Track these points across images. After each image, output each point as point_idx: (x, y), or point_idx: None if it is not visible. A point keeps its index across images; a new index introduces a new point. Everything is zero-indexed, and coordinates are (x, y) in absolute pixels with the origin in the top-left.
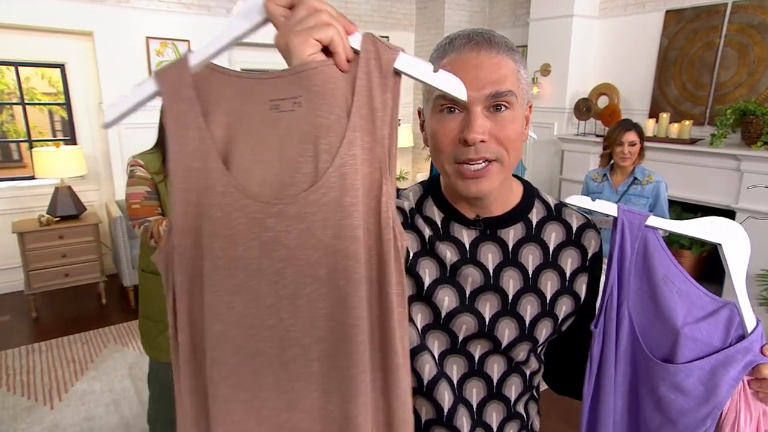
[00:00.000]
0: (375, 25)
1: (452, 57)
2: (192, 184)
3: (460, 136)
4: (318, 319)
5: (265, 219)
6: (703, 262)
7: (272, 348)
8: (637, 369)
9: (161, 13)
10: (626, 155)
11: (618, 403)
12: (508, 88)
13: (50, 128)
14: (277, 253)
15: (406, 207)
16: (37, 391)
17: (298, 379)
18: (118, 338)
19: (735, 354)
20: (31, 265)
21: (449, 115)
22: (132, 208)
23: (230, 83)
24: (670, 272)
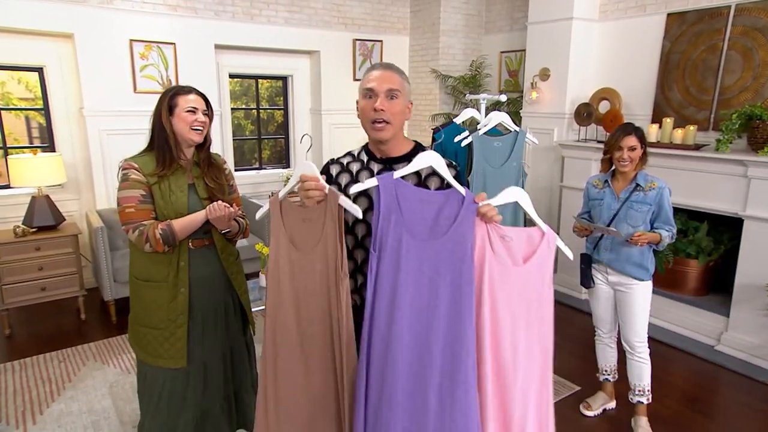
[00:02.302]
0: (368, 29)
1: (372, 73)
2: (279, 249)
3: (374, 107)
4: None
5: (302, 259)
6: (710, 271)
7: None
8: (416, 254)
9: (146, 14)
10: (626, 160)
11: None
12: (396, 88)
13: (27, 135)
14: (303, 274)
15: (345, 161)
16: (9, 413)
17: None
18: (98, 355)
19: (465, 213)
20: (5, 279)
21: (369, 100)
22: (126, 212)
23: (291, 206)
24: (421, 193)
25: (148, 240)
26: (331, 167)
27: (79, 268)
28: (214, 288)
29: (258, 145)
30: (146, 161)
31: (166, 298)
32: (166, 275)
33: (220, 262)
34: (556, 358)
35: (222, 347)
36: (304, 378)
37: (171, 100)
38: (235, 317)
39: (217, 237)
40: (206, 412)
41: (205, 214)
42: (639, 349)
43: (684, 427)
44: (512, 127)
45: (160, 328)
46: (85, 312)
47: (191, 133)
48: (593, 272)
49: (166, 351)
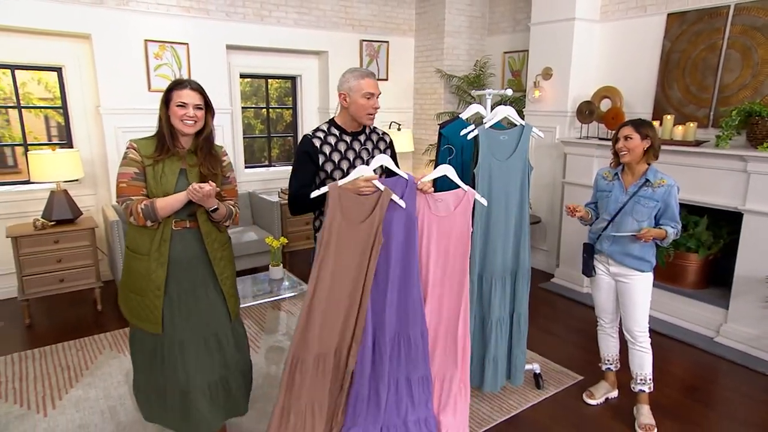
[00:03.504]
0: (375, 30)
1: (369, 80)
2: (335, 223)
3: (373, 106)
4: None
5: (353, 228)
6: (709, 264)
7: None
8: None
9: (160, 16)
10: (622, 150)
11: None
12: (380, 92)
13: (46, 133)
14: (347, 239)
15: (321, 135)
16: (30, 398)
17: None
18: (114, 345)
19: (409, 192)
20: (26, 270)
21: (368, 100)
22: (120, 187)
23: (345, 192)
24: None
25: (132, 213)
26: (314, 140)
27: (95, 260)
28: (192, 270)
29: (267, 144)
30: (147, 144)
31: (146, 269)
32: (148, 249)
33: (203, 246)
34: (559, 349)
35: (203, 331)
36: (330, 292)
37: (168, 94)
38: (220, 303)
39: (203, 221)
40: (186, 393)
41: (186, 195)
42: (640, 338)
43: (685, 416)
44: (518, 120)
45: (142, 296)
46: (101, 303)
47: (182, 126)
48: (595, 262)
49: (146, 316)
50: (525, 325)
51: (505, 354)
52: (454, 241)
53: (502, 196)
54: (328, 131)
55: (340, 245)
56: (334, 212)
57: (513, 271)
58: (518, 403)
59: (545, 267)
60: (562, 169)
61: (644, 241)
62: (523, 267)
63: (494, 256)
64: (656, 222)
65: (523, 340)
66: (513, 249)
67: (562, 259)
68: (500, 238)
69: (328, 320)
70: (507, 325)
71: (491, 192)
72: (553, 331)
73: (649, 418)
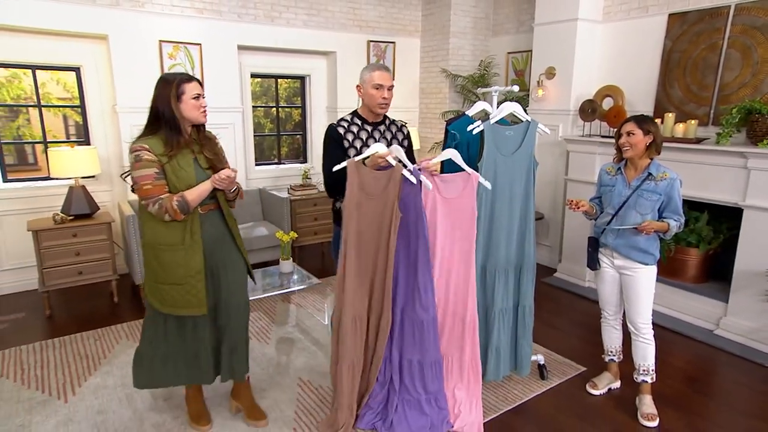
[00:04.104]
0: (382, 31)
1: (379, 73)
2: (354, 195)
3: (382, 96)
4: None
5: (371, 201)
6: (710, 259)
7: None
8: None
9: (174, 17)
10: (625, 145)
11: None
12: (392, 84)
13: (64, 132)
14: (367, 210)
15: (345, 125)
16: (51, 385)
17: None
18: (130, 335)
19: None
20: (46, 263)
21: (378, 90)
22: (144, 189)
23: (362, 167)
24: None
25: (167, 211)
26: (338, 128)
27: (112, 254)
28: (219, 247)
29: (277, 142)
30: (155, 143)
31: (184, 258)
32: (181, 239)
33: (225, 224)
34: (562, 341)
35: (232, 299)
36: (358, 260)
37: (178, 88)
38: (243, 273)
39: (223, 202)
40: (197, 354)
41: (211, 183)
42: (644, 330)
43: (686, 406)
44: (524, 117)
45: (181, 284)
46: (117, 295)
47: (199, 116)
48: (599, 256)
49: (189, 302)
50: (530, 317)
51: (508, 344)
52: (460, 221)
53: (506, 190)
54: (351, 121)
55: (361, 217)
56: (352, 185)
57: (517, 265)
58: (523, 393)
59: (548, 262)
60: (564, 166)
61: (646, 233)
62: (528, 261)
63: (497, 248)
64: (660, 215)
65: (529, 331)
66: (517, 243)
67: (565, 255)
68: (504, 231)
69: (358, 286)
70: (510, 316)
71: (495, 186)
72: (556, 324)
73: (651, 408)
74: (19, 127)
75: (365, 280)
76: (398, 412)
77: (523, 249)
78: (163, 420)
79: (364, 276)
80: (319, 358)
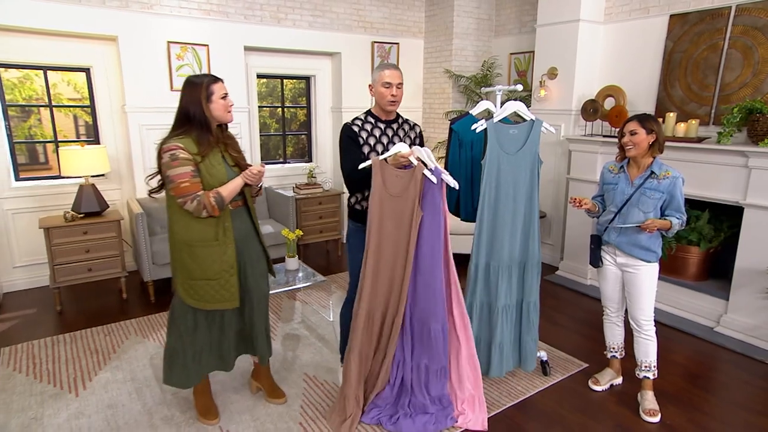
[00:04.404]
0: (386, 32)
1: (388, 72)
2: (377, 193)
3: (391, 93)
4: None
5: (393, 200)
6: (710, 257)
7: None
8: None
9: (182, 18)
10: (628, 144)
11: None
12: (401, 81)
13: (75, 132)
14: (389, 208)
15: (359, 123)
16: (63, 379)
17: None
18: (139, 330)
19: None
20: (57, 260)
21: (387, 88)
22: (181, 187)
23: (385, 165)
24: (436, 185)
25: (205, 207)
26: (353, 126)
27: (121, 251)
28: (246, 242)
29: (282, 142)
30: (188, 143)
31: (218, 253)
32: (215, 235)
33: (251, 220)
34: (564, 338)
35: (257, 292)
36: (379, 248)
37: (208, 89)
38: (265, 267)
39: (249, 199)
40: (221, 343)
41: (243, 179)
42: (646, 327)
43: (687, 401)
44: (528, 115)
45: (216, 279)
46: (126, 292)
47: (227, 116)
48: (602, 253)
49: (223, 296)
50: (535, 314)
51: (511, 340)
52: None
53: (510, 188)
54: (364, 119)
55: (383, 215)
56: (376, 183)
57: (521, 262)
58: (526, 389)
59: (550, 260)
60: (566, 165)
61: (649, 231)
62: (532, 258)
63: (501, 246)
64: (662, 213)
65: (534, 327)
66: (521, 240)
67: (567, 253)
68: (507, 229)
69: (376, 282)
70: (513, 312)
71: (499, 184)
72: (558, 321)
73: (653, 404)
74: (31, 127)
75: (383, 278)
76: (404, 410)
77: (527, 246)
78: (171, 414)
79: (382, 273)
80: (325, 354)
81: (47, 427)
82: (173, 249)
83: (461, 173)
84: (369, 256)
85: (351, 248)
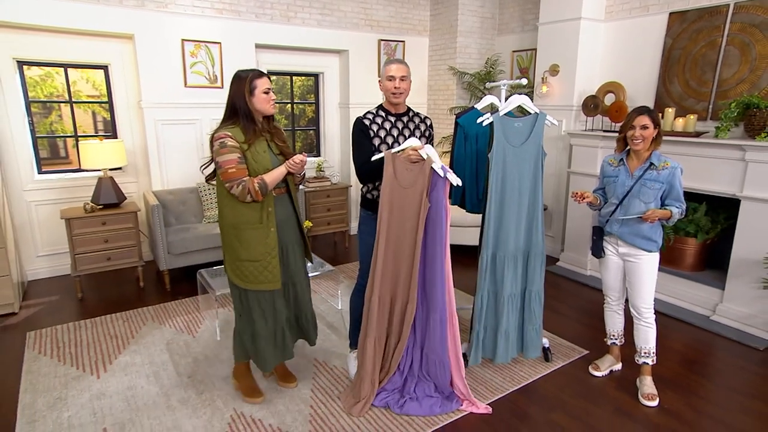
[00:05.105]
0: (392, 30)
1: (392, 65)
2: (388, 185)
3: (394, 86)
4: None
5: (403, 191)
6: (707, 248)
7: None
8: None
9: (196, 17)
10: (638, 138)
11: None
12: (405, 74)
13: (93, 128)
14: (399, 199)
15: (371, 117)
16: (85, 362)
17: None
18: (156, 317)
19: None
20: (77, 249)
21: (391, 81)
22: (228, 172)
23: (397, 158)
24: (441, 181)
25: (250, 192)
26: (364, 120)
27: (138, 241)
28: (287, 228)
29: (292, 137)
30: (236, 132)
31: (261, 236)
32: (259, 218)
33: (293, 207)
34: (565, 326)
35: (296, 277)
36: (387, 245)
37: (251, 83)
38: (301, 252)
39: (292, 187)
40: (275, 334)
41: (286, 167)
42: (646, 314)
43: (684, 386)
44: (533, 108)
45: (259, 260)
46: (143, 280)
47: (269, 108)
48: (604, 244)
49: (266, 277)
50: (537, 302)
51: (516, 328)
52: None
53: (515, 180)
54: (375, 113)
55: (393, 205)
56: (388, 174)
57: (525, 252)
58: (529, 375)
59: (551, 251)
60: (567, 159)
61: (650, 221)
62: (536, 248)
63: (507, 236)
64: (662, 203)
65: (537, 315)
66: (525, 231)
67: (567, 244)
68: (513, 219)
69: (386, 269)
70: (518, 301)
71: (505, 176)
72: (559, 310)
73: (651, 388)
74: (52, 122)
75: (394, 265)
76: (411, 394)
77: (531, 236)
78: (188, 396)
79: (391, 262)
80: (333, 340)
81: (71, 407)
82: (223, 232)
83: (466, 166)
84: (380, 244)
85: (362, 235)
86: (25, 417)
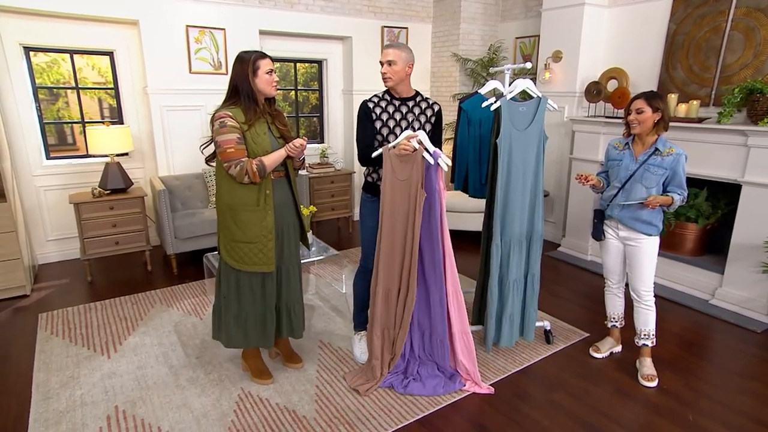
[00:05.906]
0: (395, 17)
1: (383, 50)
2: (388, 178)
3: (381, 71)
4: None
5: (401, 184)
6: (707, 233)
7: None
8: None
9: (200, 3)
10: (633, 121)
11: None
12: (391, 59)
13: (99, 114)
14: (398, 190)
15: (375, 100)
16: (95, 343)
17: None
18: (164, 300)
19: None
20: (86, 234)
21: (382, 66)
22: (227, 152)
23: (393, 153)
24: (433, 167)
25: (247, 173)
26: (369, 103)
27: (145, 226)
28: (284, 211)
29: (296, 124)
30: (236, 112)
31: (258, 218)
32: (256, 200)
33: (291, 191)
34: (566, 309)
35: (289, 262)
36: (392, 237)
37: (255, 64)
38: (297, 237)
39: (291, 171)
40: (264, 317)
41: (286, 151)
42: (646, 297)
43: (683, 368)
44: (536, 92)
45: (255, 242)
46: (150, 264)
47: (271, 89)
48: (605, 227)
49: (260, 259)
50: (537, 285)
51: (519, 312)
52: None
53: (520, 164)
54: (381, 97)
55: (394, 198)
56: (387, 169)
57: (528, 236)
58: (530, 357)
59: (552, 237)
60: (569, 145)
61: (651, 207)
62: (536, 232)
63: (512, 221)
64: (664, 189)
65: (536, 298)
66: (528, 215)
67: (568, 230)
68: (518, 204)
69: (388, 262)
70: (522, 285)
71: (511, 161)
72: (560, 294)
73: (651, 370)
74: (59, 109)
75: (396, 258)
76: (414, 375)
77: (533, 221)
78: (197, 375)
79: (394, 253)
80: (338, 322)
81: (83, 385)
82: (219, 212)
83: (470, 150)
84: (383, 236)
85: (363, 217)
86: (40, 394)
